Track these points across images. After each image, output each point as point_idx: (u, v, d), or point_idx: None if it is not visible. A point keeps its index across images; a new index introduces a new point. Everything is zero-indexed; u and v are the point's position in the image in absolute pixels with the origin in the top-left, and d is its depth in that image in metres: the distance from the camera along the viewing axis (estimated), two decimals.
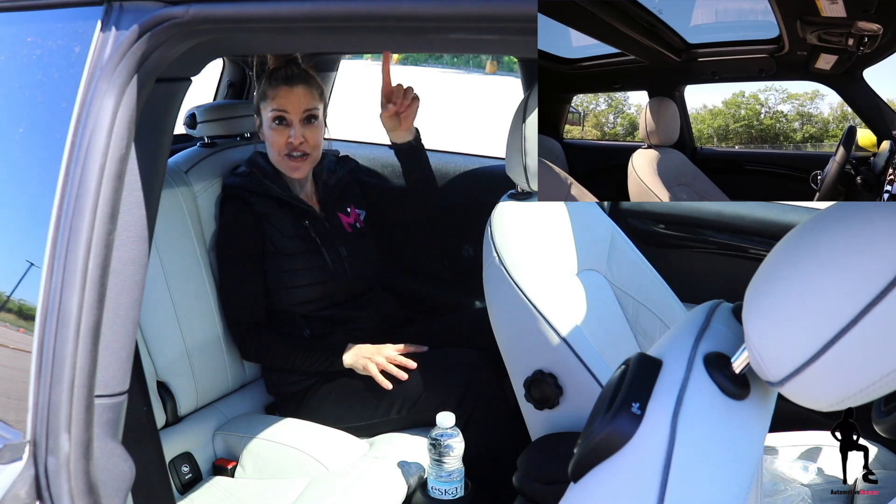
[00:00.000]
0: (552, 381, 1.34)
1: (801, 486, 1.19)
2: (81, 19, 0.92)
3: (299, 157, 1.77)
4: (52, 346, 0.87)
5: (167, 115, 0.98)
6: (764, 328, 0.55)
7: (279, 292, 1.80)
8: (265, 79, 1.79)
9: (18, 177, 1.01)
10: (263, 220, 1.79)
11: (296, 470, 1.65)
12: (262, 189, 1.80)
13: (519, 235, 1.41)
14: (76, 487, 0.88)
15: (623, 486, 0.56)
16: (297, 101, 1.75)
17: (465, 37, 0.91)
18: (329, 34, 0.95)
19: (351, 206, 1.94)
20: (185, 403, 1.77)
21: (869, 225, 0.52)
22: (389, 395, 1.73)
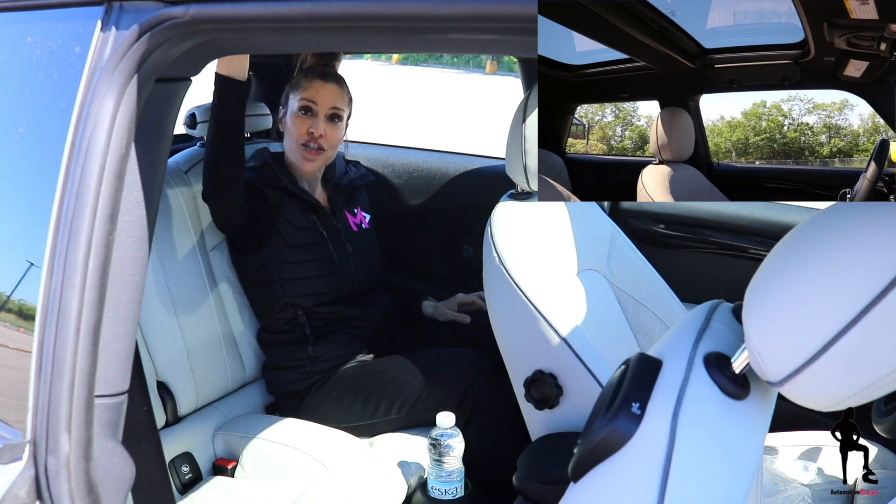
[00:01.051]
0: (552, 381, 1.34)
1: (801, 486, 1.19)
2: (81, 19, 0.92)
3: (315, 149, 1.80)
4: (52, 346, 0.87)
5: (167, 115, 0.98)
6: (764, 328, 0.55)
7: (284, 283, 1.80)
8: (300, 72, 1.85)
9: (18, 177, 1.01)
10: (274, 210, 1.80)
11: (296, 470, 1.65)
12: (274, 181, 1.81)
13: (519, 235, 1.41)
14: (76, 487, 0.88)
15: (623, 486, 0.56)
16: (327, 95, 1.80)
17: (465, 37, 0.91)
18: (329, 34, 0.95)
19: (358, 208, 1.98)
20: (185, 403, 1.77)
21: (869, 225, 0.52)
22: (389, 395, 1.73)
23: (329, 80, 1.81)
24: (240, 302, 1.93)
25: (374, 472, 1.61)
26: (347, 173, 1.99)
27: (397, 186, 2.33)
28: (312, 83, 1.80)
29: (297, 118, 1.80)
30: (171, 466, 1.67)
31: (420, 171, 2.32)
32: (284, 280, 1.80)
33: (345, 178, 1.96)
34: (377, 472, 1.61)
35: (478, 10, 0.72)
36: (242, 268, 1.89)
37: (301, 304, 1.81)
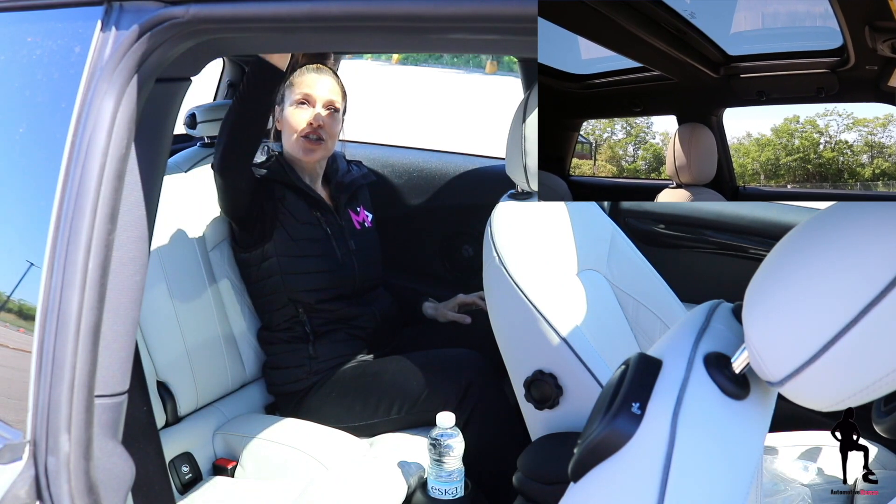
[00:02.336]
0: (552, 381, 1.34)
1: (801, 486, 1.19)
2: (81, 19, 0.92)
3: (315, 140, 1.82)
4: (52, 347, 0.87)
5: (167, 115, 0.98)
6: (764, 328, 0.55)
7: (286, 276, 1.81)
8: (292, 72, 1.86)
9: (18, 177, 1.01)
10: (279, 203, 1.82)
11: (296, 470, 1.65)
12: (280, 176, 1.83)
13: (519, 235, 1.41)
14: (76, 487, 0.88)
15: (623, 486, 0.56)
16: (322, 87, 1.84)
17: (465, 37, 0.91)
18: (329, 34, 0.95)
19: (360, 207, 1.99)
20: (185, 403, 1.77)
21: (869, 225, 0.52)
22: (389, 395, 1.73)
23: (323, 74, 1.86)
24: (240, 302, 1.93)
25: (374, 472, 1.61)
26: (350, 172, 2.00)
27: (397, 186, 2.33)
28: (307, 77, 1.84)
29: (296, 111, 1.82)
30: (171, 466, 1.67)
31: (420, 171, 2.32)
32: (287, 274, 1.81)
33: (347, 177, 1.98)
34: (377, 472, 1.61)
35: (478, 10, 0.72)
36: (244, 263, 1.89)
37: (302, 300, 1.82)
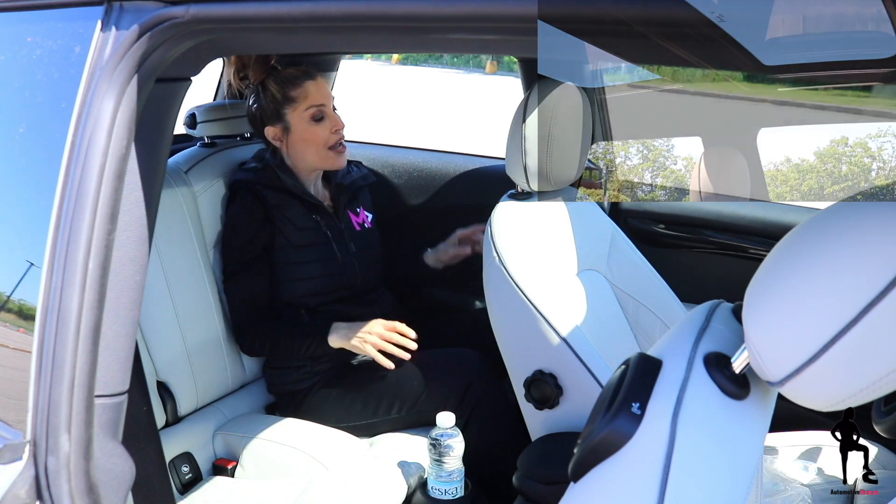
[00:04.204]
0: (552, 381, 1.34)
1: (801, 486, 1.19)
2: (81, 19, 0.92)
3: (341, 145, 1.83)
4: (52, 346, 0.87)
5: (167, 115, 0.98)
6: (764, 328, 0.55)
7: (287, 284, 1.80)
8: (275, 85, 1.78)
9: (18, 177, 1.01)
10: (275, 210, 1.79)
11: (296, 470, 1.65)
12: (276, 183, 1.81)
13: (519, 235, 1.41)
14: (76, 487, 0.88)
15: (623, 486, 0.56)
16: (325, 90, 1.83)
17: (465, 37, 0.91)
18: (329, 34, 0.96)
19: (361, 208, 1.98)
20: (185, 403, 1.77)
21: (869, 225, 0.52)
22: (389, 395, 1.73)
23: (314, 77, 1.82)
24: None
25: (374, 472, 1.61)
26: (350, 173, 1.98)
27: (398, 186, 2.33)
28: (304, 87, 1.78)
29: (315, 127, 1.79)
30: (171, 466, 1.67)
31: (420, 171, 2.32)
32: (288, 281, 1.80)
33: (347, 178, 1.96)
34: (377, 472, 1.61)
35: (478, 10, 0.72)
36: None
37: (303, 303, 1.81)
